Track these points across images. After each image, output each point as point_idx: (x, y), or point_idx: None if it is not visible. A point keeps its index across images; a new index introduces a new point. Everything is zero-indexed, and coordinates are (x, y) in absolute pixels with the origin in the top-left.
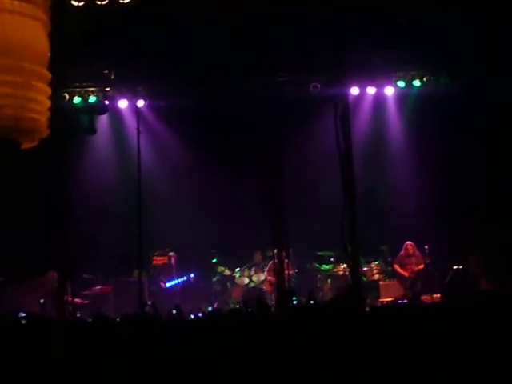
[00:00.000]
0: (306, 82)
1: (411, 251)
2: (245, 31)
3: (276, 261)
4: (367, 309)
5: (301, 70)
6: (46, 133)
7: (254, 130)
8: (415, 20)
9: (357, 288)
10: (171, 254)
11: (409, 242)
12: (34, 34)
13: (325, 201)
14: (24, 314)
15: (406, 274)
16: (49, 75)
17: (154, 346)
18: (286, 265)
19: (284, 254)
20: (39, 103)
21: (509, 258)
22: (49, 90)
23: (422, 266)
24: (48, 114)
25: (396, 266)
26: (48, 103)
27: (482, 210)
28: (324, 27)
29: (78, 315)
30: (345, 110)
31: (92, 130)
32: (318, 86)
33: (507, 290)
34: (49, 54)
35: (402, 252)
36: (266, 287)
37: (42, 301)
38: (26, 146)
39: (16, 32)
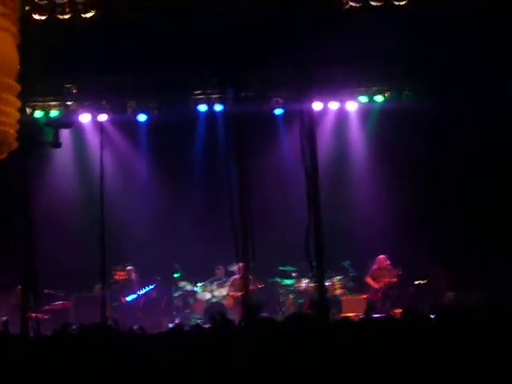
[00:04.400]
0: (267, 97)
1: (384, 264)
2: (208, 44)
3: (238, 276)
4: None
5: (263, 85)
6: (14, 145)
7: (217, 145)
8: (377, 35)
9: (322, 303)
10: (129, 268)
11: (382, 256)
12: (4, 46)
13: (287, 215)
14: None
15: (377, 286)
16: (18, 87)
17: (115, 362)
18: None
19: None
20: (8, 115)
21: (472, 271)
22: (18, 103)
23: (395, 279)
24: (17, 126)
25: (368, 279)
26: (17, 115)
27: (446, 223)
28: (286, 42)
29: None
30: (311, 124)
31: (56, 143)
32: (280, 100)
33: (471, 303)
34: (18, 66)
35: (374, 265)
36: (227, 302)
37: (4, 318)
38: None
39: None
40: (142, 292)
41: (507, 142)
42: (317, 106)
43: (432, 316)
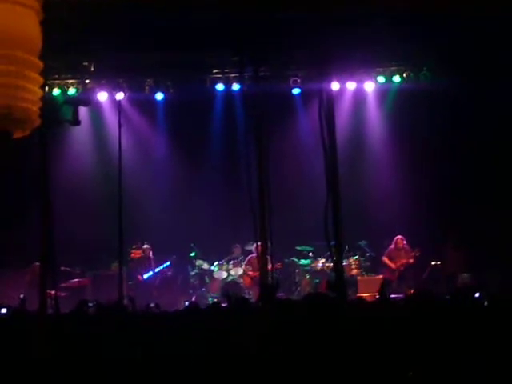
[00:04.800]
0: (286, 76)
1: (401, 245)
2: (224, 25)
3: (255, 255)
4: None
5: (281, 64)
6: (37, 122)
7: (235, 125)
8: (395, 16)
9: (340, 283)
10: (145, 246)
11: (399, 236)
12: (27, 23)
13: (305, 195)
14: (4, 309)
15: (393, 266)
16: (41, 64)
17: (132, 340)
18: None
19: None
20: (31, 92)
21: (487, 254)
22: (41, 80)
23: (411, 260)
24: (40, 103)
25: (385, 258)
26: (40, 93)
27: (462, 206)
28: (304, 22)
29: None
30: (329, 104)
31: (75, 121)
32: (299, 80)
33: (485, 286)
34: (41, 43)
35: (391, 246)
36: (244, 281)
37: (21, 296)
38: (17, 135)
39: (7, 20)
40: (157, 269)
41: None
42: (335, 85)
43: (446, 297)
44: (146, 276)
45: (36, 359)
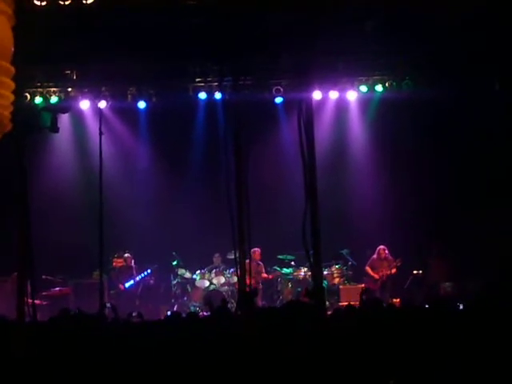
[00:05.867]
0: (268, 85)
1: (383, 255)
2: (208, 33)
3: (254, 261)
4: (328, 312)
5: (263, 73)
6: (8, 127)
7: (216, 133)
8: (378, 25)
9: (318, 291)
10: (126, 255)
11: (381, 246)
12: None
13: (286, 204)
14: None
15: (376, 276)
16: (12, 69)
17: (114, 348)
18: (261, 268)
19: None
20: (3, 97)
21: (469, 262)
22: (12, 84)
23: (394, 270)
24: (11, 108)
25: (368, 268)
26: (11, 97)
27: (444, 215)
28: (286, 31)
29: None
30: (309, 113)
31: (54, 128)
32: (281, 89)
33: (466, 295)
34: (12, 48)
35: (374, 255)
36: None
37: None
38: None
39: None
40: (138, 278)
41: (506, 132)
42: (317, 95)
43: (426, 306)
44: (127, 285)
45: (13, 367)
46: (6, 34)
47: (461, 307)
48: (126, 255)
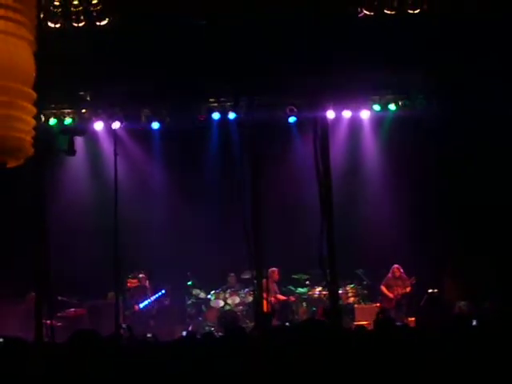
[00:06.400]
0: (281, 105)
1: (398, 274)
2: (221, 54)
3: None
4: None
5: (277, 93)
6: (30, 152)
7: (230, 153)
8: (389, 44)
9: (335, 310)
10: (141, 275)
11: (396, 265)
12: (20, 54)
13: (301, 223)
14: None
15: (391, 295)
16: (34, 95)
17: (131, 369)
18: (277, 287)
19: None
20: (25, 122)
21: (483, 282)
22: (34, 110)
23: (408, 289)
24: (33, 132)
25: (383, 287)
26: (33, 122)
27: (458, 234)
28: (300, 50)
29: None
30: (324, 132)
31: (71, 151)
32: (295, 109)
33: (482, 313)
34: (34, 74)
35: (389, 274)
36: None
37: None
38: (10, 165)
39: (2, 51)
40: (153, 298)
41: None
42: (330, 114)
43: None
44: (142, 305)
45: None
46: (27, 60)
47: (474, 323)
48: (141, 275)
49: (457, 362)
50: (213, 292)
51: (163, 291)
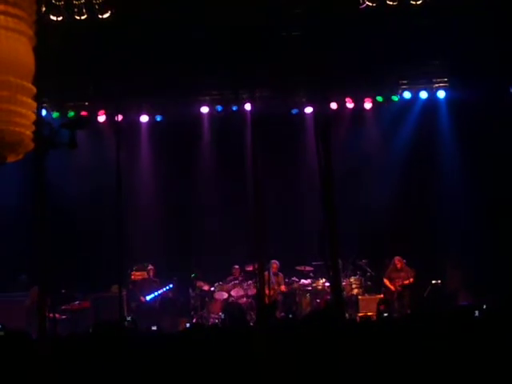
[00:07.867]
0: (284, 97)
1: (399, 266)
2: (224, 46)
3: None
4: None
5: (279, 85)
6: (30, 146)
7: (234, 145)
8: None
9: (337, 303)
10: (149, 267)
11: (397, 257)
12: (20, 49)
13: (304, 215)
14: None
15: (392, 287)
16: (34, 89)
17: (133, 361)
18: (281, 279)
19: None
20: (24, 117)
21: (487, 273)
22: (34, 104)
23: (411, 279)
24: (33, 127)
25: (385, 280)
26: (33, 117)
27: (461, 225)
28: (303, 42)
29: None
30: (327, 123)
31: (73, 144)
32: (298, 100)
33: (485, 304)
34: (34, 68)
35: (391, 266)
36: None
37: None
38: (10, 159)
39: (2, 46)
40: (160, 292)
41: None
42: (332, 105)
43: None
44: (148, 297)
45: (36, 381)
46: (27, 55)
47: (476, 314)
48: (149, 267)
49: (459, 352)
50: (216, 284)
51: (171, 285)
